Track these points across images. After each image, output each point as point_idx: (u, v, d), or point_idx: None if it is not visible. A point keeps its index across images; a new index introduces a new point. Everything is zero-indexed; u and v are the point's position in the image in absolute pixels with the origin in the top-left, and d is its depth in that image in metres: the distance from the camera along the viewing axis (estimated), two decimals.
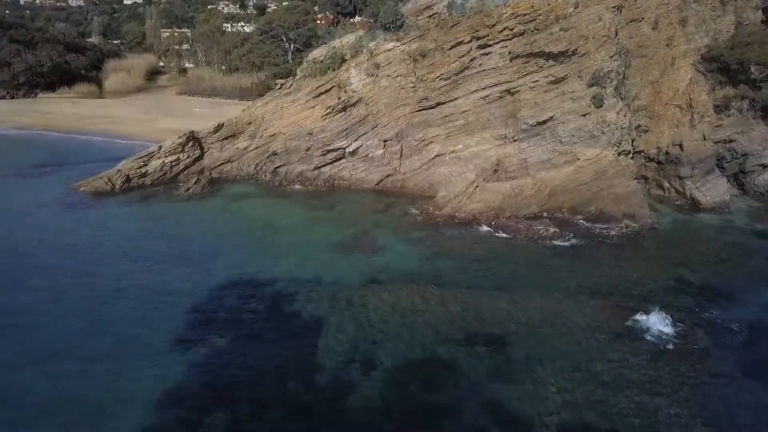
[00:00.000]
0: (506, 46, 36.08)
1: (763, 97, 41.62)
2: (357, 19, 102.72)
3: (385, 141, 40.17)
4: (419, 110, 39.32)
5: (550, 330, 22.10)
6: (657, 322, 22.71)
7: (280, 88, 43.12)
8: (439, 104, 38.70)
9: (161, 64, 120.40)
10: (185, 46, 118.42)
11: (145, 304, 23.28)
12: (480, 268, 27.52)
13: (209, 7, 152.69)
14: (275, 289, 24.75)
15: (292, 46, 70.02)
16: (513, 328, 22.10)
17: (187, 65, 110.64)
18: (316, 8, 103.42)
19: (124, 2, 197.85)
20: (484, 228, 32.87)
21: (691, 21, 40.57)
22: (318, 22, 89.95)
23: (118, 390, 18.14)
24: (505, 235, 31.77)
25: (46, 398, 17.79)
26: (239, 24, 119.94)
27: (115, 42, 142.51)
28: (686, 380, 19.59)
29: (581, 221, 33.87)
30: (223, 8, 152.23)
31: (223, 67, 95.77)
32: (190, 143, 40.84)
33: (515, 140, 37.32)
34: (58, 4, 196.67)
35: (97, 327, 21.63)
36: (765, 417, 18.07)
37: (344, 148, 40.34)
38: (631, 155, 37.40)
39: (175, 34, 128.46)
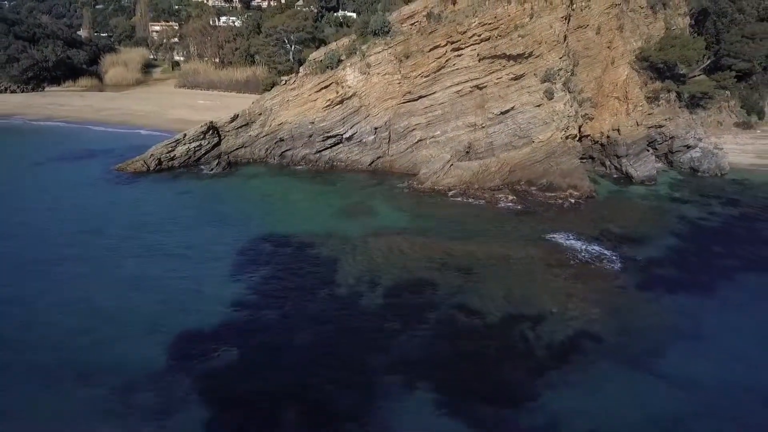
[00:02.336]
0: (475, 49, 44.04)
1: (687, 90, 50.67)
2: (341, 13, 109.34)
3: (375, 128, 47.89)
4: (404, 102, 47.10)
5: (502, 262, 30.44)
6: (581, 256, 31.23)
7: (285, 84, 50.32)
8: (420, 97, 46.50)
9: (152, 56, 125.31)
10: (174, 40, 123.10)
11: (201, 250, 30.95)
12: (453, 225, 35.66)
13: (195, 0, 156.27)
14: (297, 240, 32.55)
15: (293, 47, 77.43)
16: (475, 262, 30.32)
17: (177, 58, 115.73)
18: (300, 2, 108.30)
19: None
20: (457, 198, 40.98)
21: (627, 27, 48.97)
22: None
23: (196, 300, 25.86)
24: (473, 202, 39.97)
25: (148, 302, 25.49)
26: (230, 19, 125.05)
27: (103, 35, 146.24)
28: (597, 292, 28.07)
29: (534, 191, 42.20)
30: (208, 0, 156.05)
31: (216, 60, 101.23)
32: (210, 131, 47.97)
33: (483, 127, 45.36)
34: None
35: (168, 264, 29.22)
36: (652, 317, 25.96)
37: (341, 135, 47.95)
38: (577, 138, 45.79)
39: (167, 28, 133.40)
